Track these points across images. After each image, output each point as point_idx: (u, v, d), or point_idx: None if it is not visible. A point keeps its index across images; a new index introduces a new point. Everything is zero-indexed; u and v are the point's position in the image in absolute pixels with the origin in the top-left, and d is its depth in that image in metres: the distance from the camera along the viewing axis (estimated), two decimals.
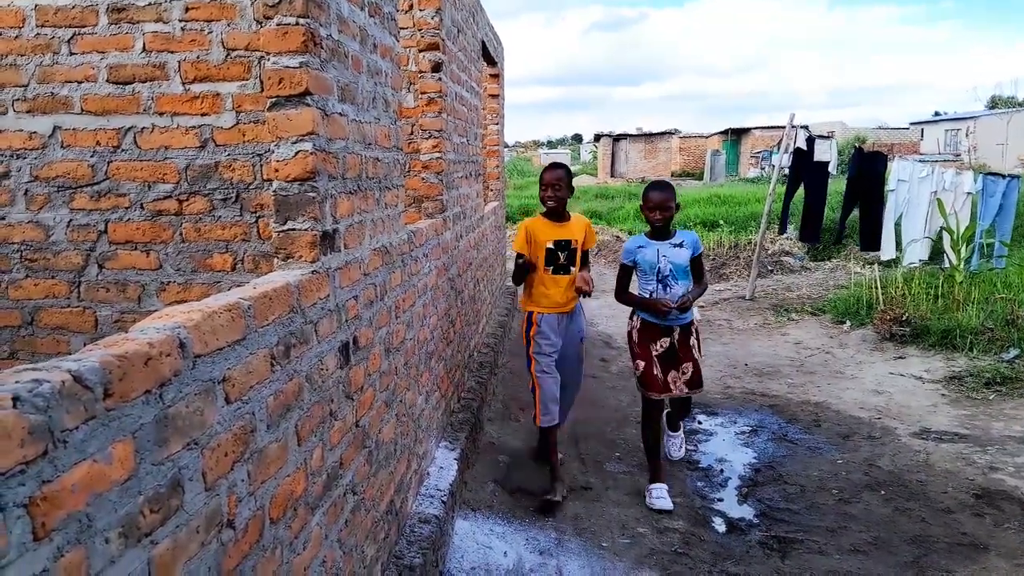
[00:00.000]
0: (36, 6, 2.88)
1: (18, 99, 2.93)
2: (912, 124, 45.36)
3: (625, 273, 4.40)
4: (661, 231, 4.27)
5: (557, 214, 4.32)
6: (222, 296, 1.60)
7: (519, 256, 4.32)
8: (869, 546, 3.80)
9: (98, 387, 1.06)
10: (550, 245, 4.26)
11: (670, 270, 4.21)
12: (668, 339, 4.27)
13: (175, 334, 1.30)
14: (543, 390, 4.30)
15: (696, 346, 4.37)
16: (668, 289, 4.23)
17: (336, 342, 2.16)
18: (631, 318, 4.44)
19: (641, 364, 4.30)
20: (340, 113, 2.19)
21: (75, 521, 1.00)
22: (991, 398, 6.06)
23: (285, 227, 2.01)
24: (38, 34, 2.88)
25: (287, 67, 1.93)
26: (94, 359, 1.09)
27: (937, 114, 46.15)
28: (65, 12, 2.87)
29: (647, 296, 4.29)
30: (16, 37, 2.90)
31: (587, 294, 4.23)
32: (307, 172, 1.98)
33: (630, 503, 4.23)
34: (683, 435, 5.06)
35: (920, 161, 13.16)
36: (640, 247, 4.31)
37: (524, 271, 4.31)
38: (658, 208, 4.20)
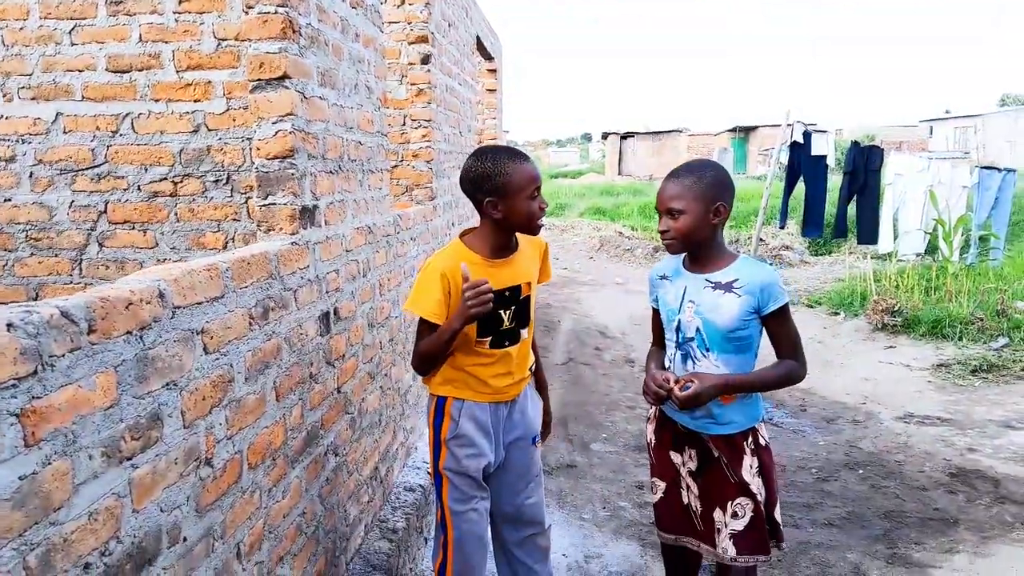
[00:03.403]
0: (40, 0, 3.06)
1: (23, 87, 3.11)
2: (922, 121, 45.27)
3: (655, 321, 2.57)
4: (693, 256, 2.38)
5: (501, 242, 2.39)
6: (203, 259, 1.76)
7: (426, 327, 2.32)
8: (843, 520, 3.93)
9: (83, 322, 1.21)
10: None
11: (697, 329, 2.31)
12: (696, 451, 2.38)
13: (155, 285, 1.45)
14: (459, 543, 2.42)
15: (752, 471, 2.31)
16: (690, 363, 2.35)
17: (316, 310, 2.31)
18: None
19: (657, 486, 2.52)
20: (320, 97, 2.34)
21: (62, 435, 1.16)
22: (977, 384, 6.17)
23: (266, 201, 2.17)
24: (42, 26, 3.06)
25: (267, 52, 2.09)
26: (80, 299, 1.24)
27: (947, 112, 46.01)
28: (67, 5, 3.05)
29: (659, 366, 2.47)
30: (21, 28, 3.08)
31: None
32: (286, 150, 2.13)
33: (613, 479, 4.38)
34: None
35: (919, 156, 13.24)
36: (662, 278, 2.47)
37: (441, 357, 2.36)
38: (666, 213, 2.31)
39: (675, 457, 2.44)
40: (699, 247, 2.34)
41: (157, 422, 1.43)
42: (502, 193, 2.26)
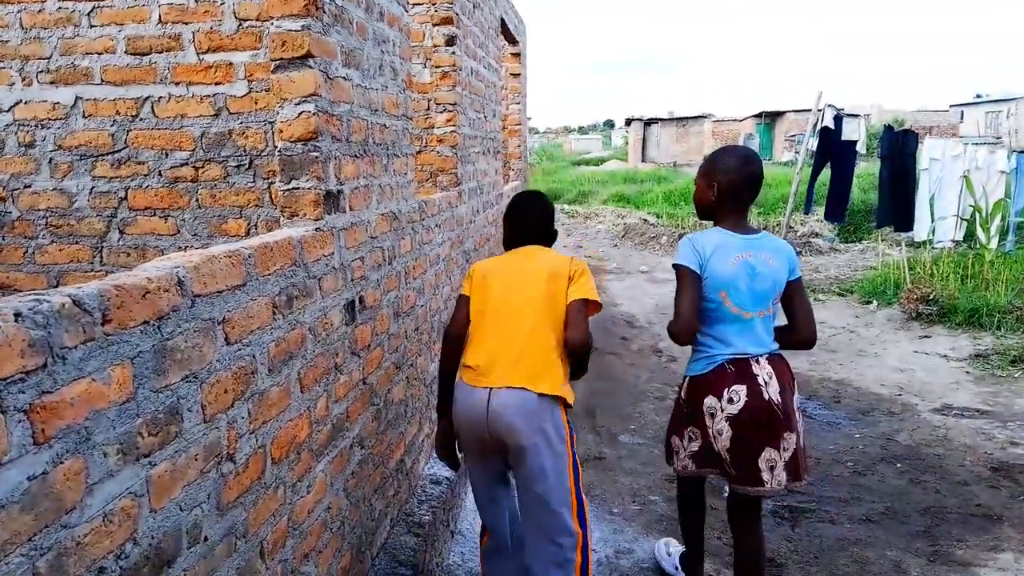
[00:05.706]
0: None
1: (42, 71, 3.05)
2: (952, 106, 44.36)
3: None
4: None
5: None
6: (224, 245, 1.68)
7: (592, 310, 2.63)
8: (881, 516, 3.81)
9: (96, 312, 1.14)
10: None
11: None
12: None
13: (174, 272, 1.37)
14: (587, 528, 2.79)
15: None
16: None
17: (341, 299, 2.23)
18: None
19: None
20: (344, 77, 2.25)
21: (74, 432, 1.08)
22: (1016, 375, 6.00)
23: (290, 186, 2.09)
24: (60, 8, 3.00)
25: (290, 30, 2.00)
26: (93, 288, 1.17)
27: (978, 96, 45.03)
28: None
29: None
30: (40, 11, 3.02)
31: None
32: (310, 132, 2.05)
33: (642, 472, 4.28)
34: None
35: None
36: None
37: None
38: None
39: None
40: (711, 219, 2.73)
41: (176, 417, 1.35)
42: None
